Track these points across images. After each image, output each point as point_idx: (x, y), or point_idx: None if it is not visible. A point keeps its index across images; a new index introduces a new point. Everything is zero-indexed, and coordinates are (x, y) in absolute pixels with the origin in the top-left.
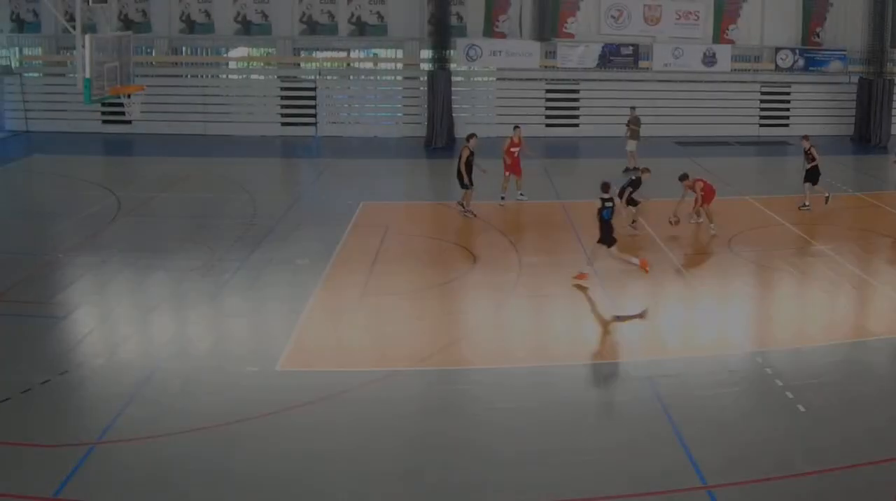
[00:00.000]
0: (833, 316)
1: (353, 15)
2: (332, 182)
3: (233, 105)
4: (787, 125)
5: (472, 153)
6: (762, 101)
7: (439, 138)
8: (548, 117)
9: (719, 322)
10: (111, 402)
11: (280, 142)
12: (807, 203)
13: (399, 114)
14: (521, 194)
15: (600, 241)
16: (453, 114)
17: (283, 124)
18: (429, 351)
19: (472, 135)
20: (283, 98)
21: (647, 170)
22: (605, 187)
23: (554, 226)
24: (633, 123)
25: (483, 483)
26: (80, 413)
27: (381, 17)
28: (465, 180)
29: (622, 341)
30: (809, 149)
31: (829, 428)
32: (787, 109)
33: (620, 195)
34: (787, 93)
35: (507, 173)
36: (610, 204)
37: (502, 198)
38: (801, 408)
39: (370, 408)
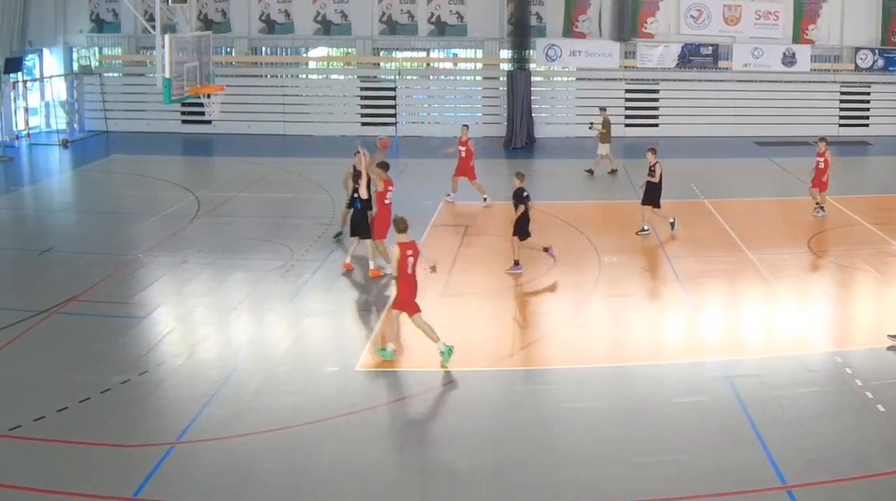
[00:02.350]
0: None
1: (432, 15)
2: (412, 182)
3: (312, 105)
4: (867, 125)
5: (357, 172)
6: (842, 101)
7: (519, 138)
8: (627, 117)
9: (798, 321)
10: (191, 402)
11: (360, 141)
12: (646, 228)
13: (478, 115)
14: (448, 194)
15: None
16: (533, 115)
17: (363, 124)
18: (508, 351)
19: (356, 152)
20: (362, 98)
21: (519, 174)
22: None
23: (633, 227)
24: (604, 126)
25: (562, 482)
26: (159, 413)
27: (460, 17)
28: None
29: (701, 340)
30: (654, 165)
31: None
32: (867, 109)
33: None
34: (867, 93)
35: (456, 176)
36: (356, 194)
37: (485, 198)
38: (881, 408)
39: (449, 408)
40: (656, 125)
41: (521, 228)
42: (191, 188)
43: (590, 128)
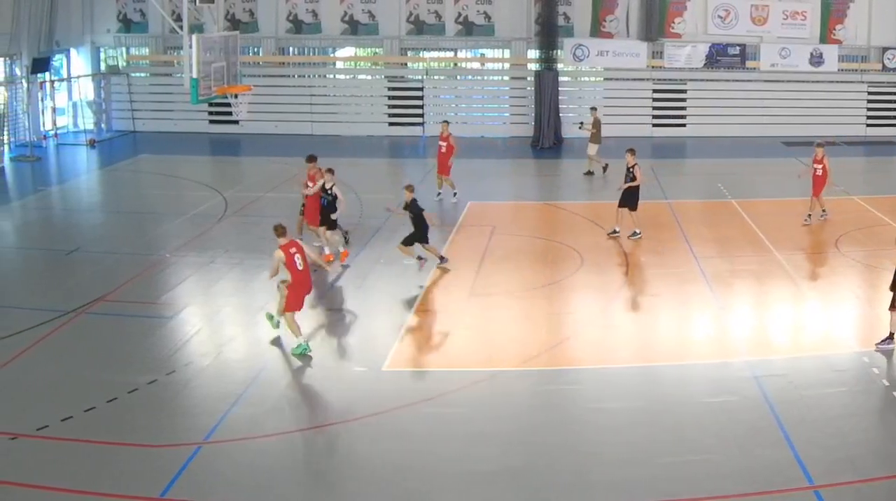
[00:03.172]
0: None
1: (460, 15)
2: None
3: (340, 105)
4: (894, 125)
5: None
6: (869, 101)
7: (546, 138)
8: (655, 117)
9: (826, 321)
10: (218, 402)
11: (387, 141)
12: (638, 231)
13: (506, 114)
14: (455, 193)
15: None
16: (560, 115)
17: (391, 124)
18: (535, 351)
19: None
20: (390, 98)
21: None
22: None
23: (661, 227)
24: (594, 125)
25: (589, 483)
26: (186, 412)
27: (488, 17)
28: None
29: (729, 341)
30: (633, 167)
31: None
32: (895, 109)
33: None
34: (895, 93)
35: (439, 173)
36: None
37: (438, 193)
38: None
39: (477, 408)
40: (684, 125)
41: (422, 234)
42: (218, 188)
43: (580, 127)
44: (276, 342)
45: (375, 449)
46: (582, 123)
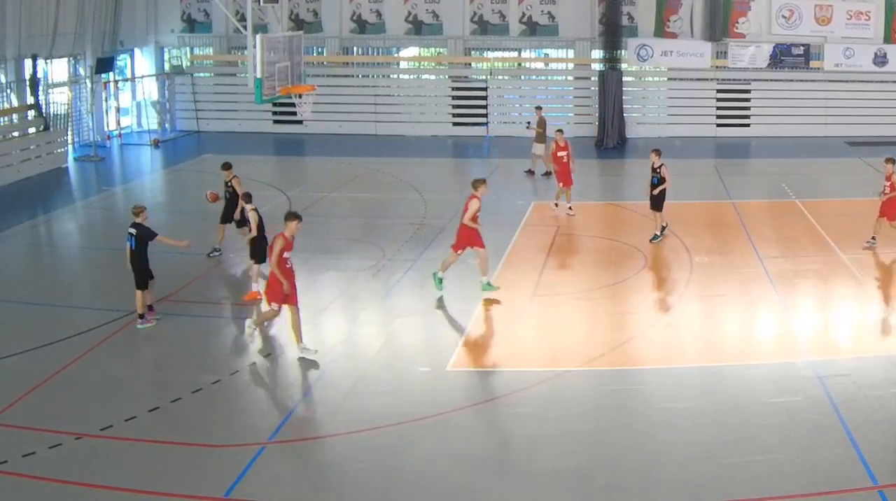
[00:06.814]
0: None
1: (524, 15)
2: (503, 182)
3: (404, 105)
4: None
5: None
6: None
7: (610, 138)
8: (719, 117)
9: (890, 321)
10: (282, 402)
11: (451, 141)
12: (658, 233)
13: (570, 115)
14: (570, 208)
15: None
16: (624, 115)
17: (454, 124)
18: (599, 351)
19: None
20: (454, 98)
21: None
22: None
23: (725, 226)
24: (539, 125)
25: (654, 482)
26: (250, 413)
27: (552, 17)
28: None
29: (793, 340)
30: (660, 167)
31: None
32: None
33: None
34: None
35: (560, 184)
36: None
37: (556, 204)
38: None
39: (541, 408)
40: (748, 125)
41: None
42: (282, 188)
43: (527, 127)
44: (341, 341)
45: (440, 449)
46: (529, 123)
